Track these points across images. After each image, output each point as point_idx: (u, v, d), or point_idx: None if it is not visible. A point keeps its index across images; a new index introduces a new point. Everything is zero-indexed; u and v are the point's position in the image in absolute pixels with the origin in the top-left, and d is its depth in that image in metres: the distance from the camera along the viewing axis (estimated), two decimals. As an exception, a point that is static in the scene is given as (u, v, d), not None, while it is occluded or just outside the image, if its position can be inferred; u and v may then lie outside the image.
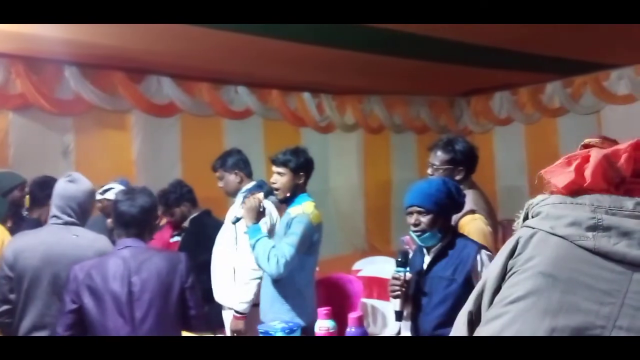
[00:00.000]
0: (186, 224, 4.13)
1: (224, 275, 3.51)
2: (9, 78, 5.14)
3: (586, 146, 1.16)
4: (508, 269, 1.10)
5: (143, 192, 2.60)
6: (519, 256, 1.09)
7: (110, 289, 2.40)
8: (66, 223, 2.81)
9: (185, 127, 6.45)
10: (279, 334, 2.60)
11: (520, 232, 1.13)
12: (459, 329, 1.17)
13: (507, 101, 7.97)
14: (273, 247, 2.88)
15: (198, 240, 3.89)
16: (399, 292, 2.48)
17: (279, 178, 3.08)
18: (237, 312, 3.35)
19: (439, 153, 2.99)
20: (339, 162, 7.85)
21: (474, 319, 1.14)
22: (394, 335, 2.46)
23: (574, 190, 1.10)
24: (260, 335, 2.72)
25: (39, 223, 3.82)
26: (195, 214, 4.11)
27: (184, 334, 2.60)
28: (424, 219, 2.52)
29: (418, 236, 2.56)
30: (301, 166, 3.08)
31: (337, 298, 3.98)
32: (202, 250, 3.77)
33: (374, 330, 4.30)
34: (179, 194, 4.10)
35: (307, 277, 3.01)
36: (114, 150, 5.90)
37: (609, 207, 1.04)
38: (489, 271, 1.15)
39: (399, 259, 2.53)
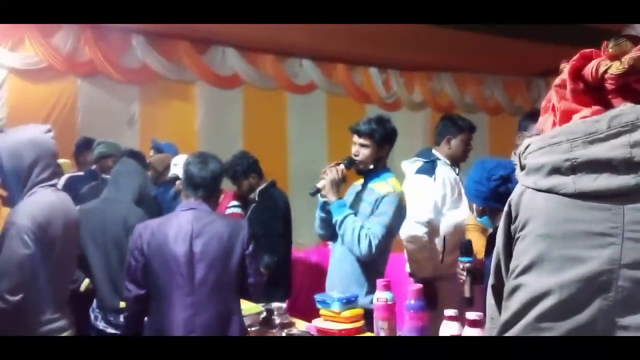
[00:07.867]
0: (254, 195, 4.04)
1: None
2: (78, 45, 5.28)
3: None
4: (512, 234, 1.08)
5: (214, 157, 2.63)
6: (516, 220, 1.07)
7: (171, 248, 2.43)
8: None
9: (248, 100, 6.41)
10: (336, 303, 2.47)
11: (512, 193, 1.11)
12: (488, 305, 1.19)
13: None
14: (362, 226, 2.66)
15: (270, 212, 3.89)
16: (463, 280, 2.57)
17: (362, 150, 2.79)
18: None
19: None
20: (404, 141, 7.57)
21: (500, 291, 1.13)
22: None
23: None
24: (317, 303, 2.58)
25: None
26: (262, 186, 4.04)
27: (242, 302, 2.57)
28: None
29: (479, 217, 2.50)
30: (387, 137, 2.81)
31: (395, 276, 3.84)
32: (275, 222, 3.83)
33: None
34: (246, 165, 4.01)
35: (385, 257, 2.79)
36: (177, 120, 5.95)
37: (585, 135, 0.99)
38: (497, 241, 1.14)
39: (462, 249, 2.59)
